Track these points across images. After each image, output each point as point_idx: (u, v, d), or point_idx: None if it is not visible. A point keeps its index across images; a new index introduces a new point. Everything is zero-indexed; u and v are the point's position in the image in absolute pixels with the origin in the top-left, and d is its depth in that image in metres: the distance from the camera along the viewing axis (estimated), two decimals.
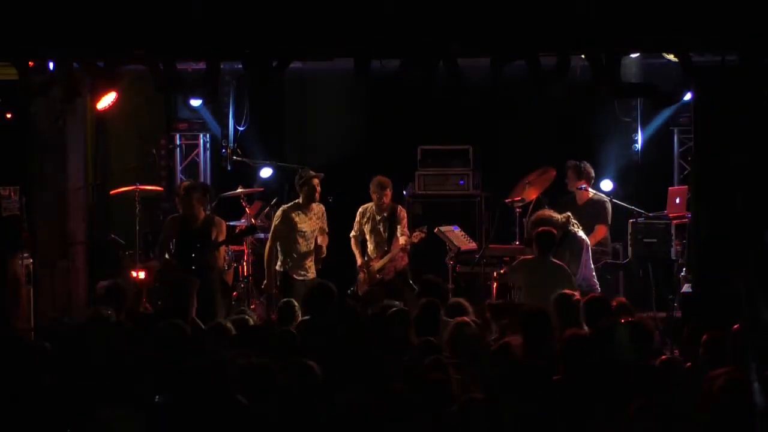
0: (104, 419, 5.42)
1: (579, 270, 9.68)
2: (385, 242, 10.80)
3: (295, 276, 10.43)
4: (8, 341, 6.98)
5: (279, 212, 10.60)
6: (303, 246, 10.47)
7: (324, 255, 10.57)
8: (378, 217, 10.83)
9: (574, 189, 11.14)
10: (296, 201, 10.56)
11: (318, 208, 10.58)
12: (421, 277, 9.16)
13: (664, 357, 6.64)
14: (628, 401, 5.52)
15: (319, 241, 10.52)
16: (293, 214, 10.49)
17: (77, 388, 5.73)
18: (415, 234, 10.82)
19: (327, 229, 10.61)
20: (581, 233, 9.99)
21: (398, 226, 10.80)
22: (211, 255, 10.02)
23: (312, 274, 10.50)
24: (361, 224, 10.94)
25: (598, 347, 6.40)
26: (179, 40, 8.63)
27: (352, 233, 10.97)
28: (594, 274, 9.91)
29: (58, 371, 6.03)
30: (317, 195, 10.47)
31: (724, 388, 5.31)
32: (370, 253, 10.87)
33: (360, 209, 10.96)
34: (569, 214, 10.08)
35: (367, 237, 10.88)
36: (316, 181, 10.45)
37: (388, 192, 10.89)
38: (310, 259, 10.50)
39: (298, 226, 10.48)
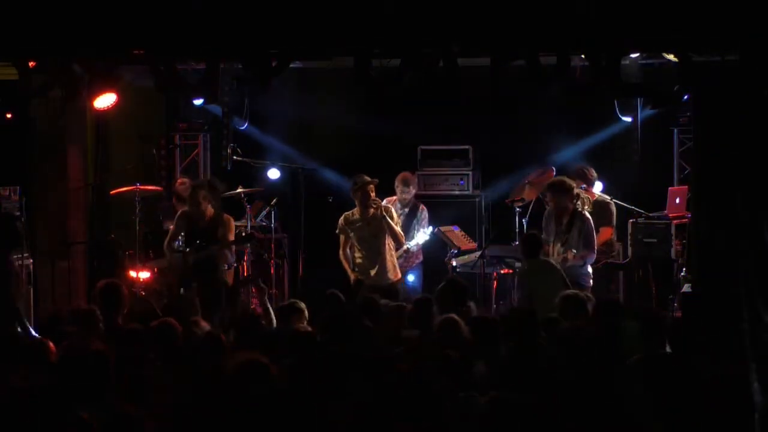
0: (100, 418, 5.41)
1: (593, 249, 9.91)
2: (403, 237, 10.77)
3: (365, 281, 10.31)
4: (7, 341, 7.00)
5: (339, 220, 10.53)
6: (364, 251, 10.33)
7: (398, 251, 10.43)
8: (399, 212, 10.84)
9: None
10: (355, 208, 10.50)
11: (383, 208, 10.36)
12: (448, 276, 9.13)
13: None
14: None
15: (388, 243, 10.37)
16: (346, 223, 10.40)
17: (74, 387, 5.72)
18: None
19: (397, 230, 10.33)
20: (587, 213, 10.10)
21: (417, 224, 10.86)
22: (215, 254, 9.98)
23: (388, 278, 10.28)
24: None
25: (607, 344, 6.44)
26: (179, 39, 8.63)
27: None
28: (589, 266, 10.02)
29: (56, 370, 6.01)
30: (370, 198, 10.28)
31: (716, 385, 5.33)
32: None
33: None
34: (579, 191, 10.19)
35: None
36: (370, 187, 10.29)
37: (412, 189, 10.95)
38: (379, 262, 10.32)
39: (350, 233, 10.41)
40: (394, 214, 10.48)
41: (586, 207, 10.35)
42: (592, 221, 10.09)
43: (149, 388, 5.87)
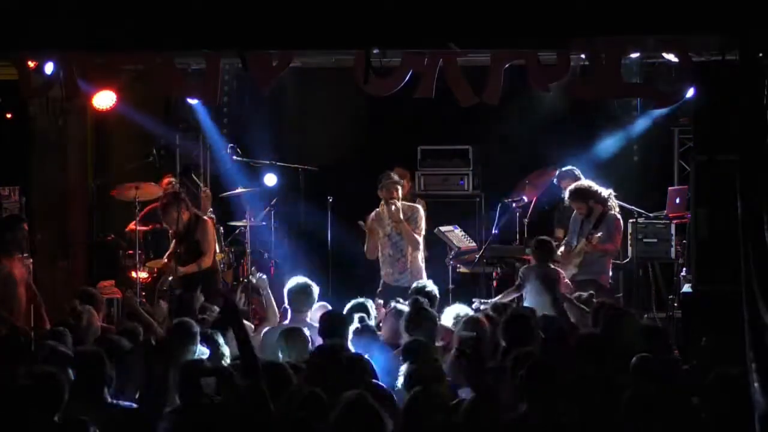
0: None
1: (615, 245, 10.04)
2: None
3: (385, 280, 10.34)
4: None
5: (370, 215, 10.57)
6: (390, 249, 10.31)
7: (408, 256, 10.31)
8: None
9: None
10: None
11: (405, 208, 10.33)
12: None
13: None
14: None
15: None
16: (376, 218, 10.40)
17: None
18: None
19: (413, 237, 10.22)
20: (616, 213, 10.14)
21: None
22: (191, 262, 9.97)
23: (411, 280, 10.02)
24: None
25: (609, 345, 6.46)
26: (179, 38, 8.63)
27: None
28: (610, 266, 10.09)
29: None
30: (392, 198, 10.28)
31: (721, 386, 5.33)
32: None
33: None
34: (611, 190, 10.22)
35: None
36: (395, 186, 10.30)
37: (405, 183, 11.02)
38: (401, 263, 10.30)
39: (378, 230, 10.42)
40: (421, 216, 10.37)
41: (615, 209, 10.35)
42: (621, 222, 10.14)
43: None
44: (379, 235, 10.36)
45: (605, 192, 10.15)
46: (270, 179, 11.95)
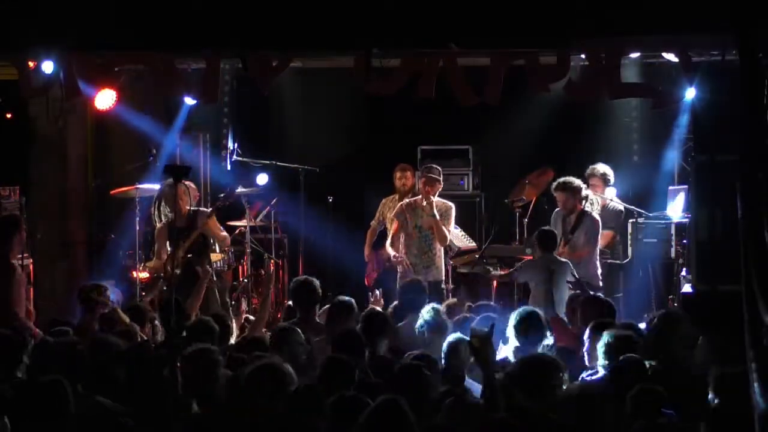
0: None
1: (595, 252, 9.99)
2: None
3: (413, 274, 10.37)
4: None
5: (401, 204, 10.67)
6: (409, 241, 10.38)
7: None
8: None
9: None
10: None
11: (440, 204, 10.39)
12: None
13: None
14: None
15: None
16: (408, 208, 10.46)
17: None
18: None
19: (443, 233, 10.28)
20: (595, 213, 10.15)
21: None
22: (195, 253, 9.95)
23: (434, 275, 10.21)
24: (383, 213, 11.02)
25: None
26: (179, 39, 8.64)
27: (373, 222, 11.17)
28: (599, 266, 10.06)
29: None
30: (422, 190, 10.40)
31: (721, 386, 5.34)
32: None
33: (383, 200, 11.09)
34: (590, 192, 10.26)
35: (388, 226, 10.94)
36: (439, 180, 10.39)
37: (408, 174, 11.09)
38: (424, 255, 10.37)
39: (403, 221, 10.50)
40: (453, 215, 10.45)
41: (595, 208, 10.34)
42: (600, 223, 10.12)
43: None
44: (408, 227, 10.38)
45: (585, 191, 10.25)
46: (262, 179, 11.90)
